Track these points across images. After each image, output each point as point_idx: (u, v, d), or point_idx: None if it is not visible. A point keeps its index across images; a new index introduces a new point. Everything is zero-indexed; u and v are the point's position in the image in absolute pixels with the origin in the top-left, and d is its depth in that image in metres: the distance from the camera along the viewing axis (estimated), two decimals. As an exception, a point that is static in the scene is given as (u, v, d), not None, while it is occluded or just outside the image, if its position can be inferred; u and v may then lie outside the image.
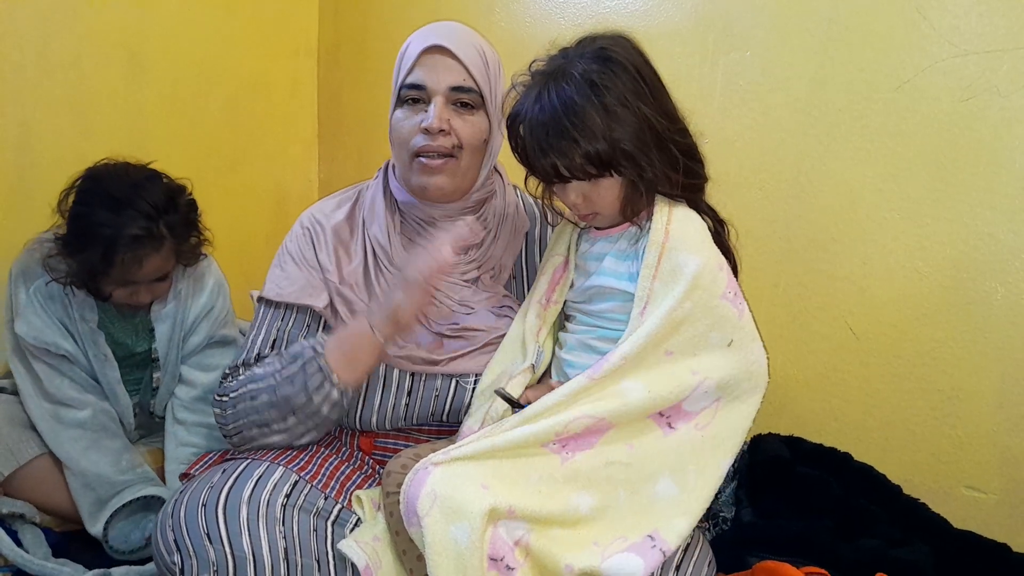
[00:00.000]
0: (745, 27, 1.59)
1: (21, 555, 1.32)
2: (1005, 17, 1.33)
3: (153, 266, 1.41)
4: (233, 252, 2.05)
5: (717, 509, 1.42)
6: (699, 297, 0.98)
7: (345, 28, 2.28)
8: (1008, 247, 1.37)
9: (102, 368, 1.49)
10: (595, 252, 1.10)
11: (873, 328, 1.51)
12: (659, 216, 1.02)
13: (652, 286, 0.99)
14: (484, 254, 1.23)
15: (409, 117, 1.15)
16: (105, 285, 1.40)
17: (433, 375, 1.17)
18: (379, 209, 1.23)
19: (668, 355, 0.99)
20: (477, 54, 1.17)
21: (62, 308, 1.45)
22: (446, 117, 1.13)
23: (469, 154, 1.16)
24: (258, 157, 2.22)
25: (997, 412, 1.40)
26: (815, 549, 1.23)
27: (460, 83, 1.14)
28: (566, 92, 0.98)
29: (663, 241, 1.00)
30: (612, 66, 1.00)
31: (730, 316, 1.01)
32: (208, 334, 1.57)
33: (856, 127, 1.48)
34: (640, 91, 1.00)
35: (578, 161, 0.99)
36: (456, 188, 1.18)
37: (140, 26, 1.87)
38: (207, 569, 0.94)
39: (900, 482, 1.41)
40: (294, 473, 1.05)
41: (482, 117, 1.17)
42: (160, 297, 1.50)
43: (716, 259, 1.02)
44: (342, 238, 1.22)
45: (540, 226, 1.29)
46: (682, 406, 0.99)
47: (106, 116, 1.69)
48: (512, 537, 0.91)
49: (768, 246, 1.60)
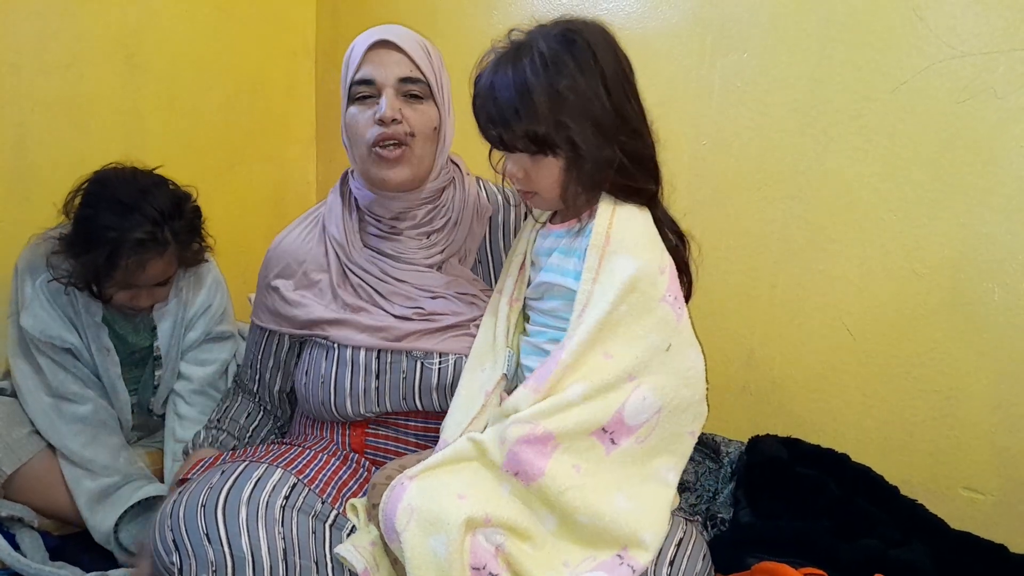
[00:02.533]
0: (743, 28, 1.59)
1: (19, 559, 1.31)
2: (1002, 18, 1.33)
3: (156, 270, 1.42)
4: (231, 253, 2.05)
5: (715, 510, 1.42)
6: (636, 300, 0.98)
7: (343, 28, 2.28)
8: (1006, 247, 1.37)
9: (104, 362, 1.50)
10: (546, 247, 1.10)
11: (871, 328, 1.51)
12: (601, 217, 1.01)
13: (592, 289, 0.99)
14: (447, 238, 1.28)
15: (362, 111, 1.21)
16: (107, 287, 1.41)
17: (399, 356, 1.21)
18: (336, 210, 1.29)
19: (607, 358, 0.97)
20: (420, 47, 1.22)
21: (67, 302, 1.46)
22: (398, 107, 1.19)
23: (422, 142, 1.22)
24: (256, 158, 2.22)
25: (995, 412, 1.40)
26: (813, 550, 1.23)
27: (408, 74, 1.20)
28: (521, 67, 0.99)
29: (603, 244, 0.99)
30: (573, 49, 0.99)
31: (669, 319, 1.00)
32: (205, 330, 1.60)
33: (853, 128, 1.49)
34: (594, 81, 0.99)
35: (519, 135, 1.00)
36: (414, 176, 1.23)
37: (137, 27, 1.87)
38: (206, 569, 0.94)
39: (898, 483, 1.41)
40: (293, 476, 1.05)
41: (431, 106, 1.22)
42: (159, 300, 1.51)
43: (658, 261, 1.01)
44: (307, 262, 1.30)
45: (504, 211, 1.34)
46: (623, 418, 0.97)
47: (103, 117, 1.69)
48: (492, 543, 0.91)
49: (766, 246, 1.60)
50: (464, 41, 1.98)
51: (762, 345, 1.62)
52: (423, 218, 1.27)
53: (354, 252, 1.27)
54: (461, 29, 2.01)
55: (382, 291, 1.25)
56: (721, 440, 1.52)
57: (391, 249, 1.27)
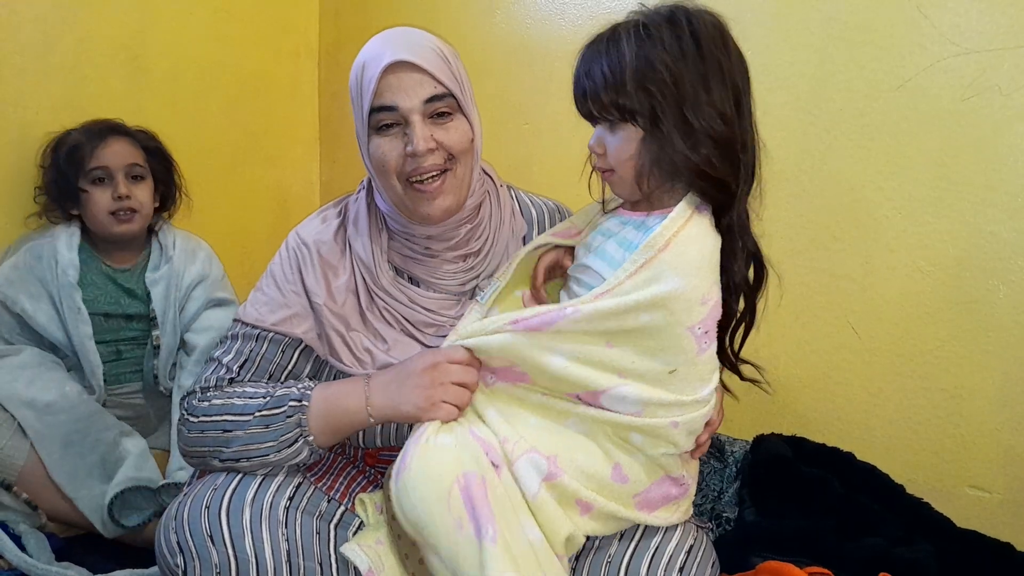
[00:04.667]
0: (745, 26, 1.57)
1: (25, 559, 1.32)
2: (1006, 15, 1.33)
3: (120, 147, 1.58)
4: (234, 253, 2.06)
5: (720, 509, 1.42)
6: (660, 317, 0.93)
7: (346, 29, 2.28)
8: (1010, 245, 1.36)
9: (74, 323, 1.54)
10: (605, 228, 1.06)
11: (875, 327, 1.50)
12: (673, 221, 0.95)
13: (624, 281, 0.94)
14: (484, 262, 1.17)
15: (391, 143, 1.08)
16: (82, 181, 1.55)
17: None
18: (362, 226, 1.17)
19: (608, 346, 0.96)
20: (438, 57, 1.09)
21: (46, 267, 1.54)
22: (429, 135, 1.06)
23: (462, 162, 1.10)
24: (259, 158, 2.22)
25: (1000, 411, 1.40)
26: (818, 549, 1.23)
27: (432, 93, 1.07)
28: (618, 35, 0.98)
29: (660, 248, 0.93)
30: (674, 26, 0.97)
31: (688, 349, 0.95)
32: (206, 298, 1.68)
33: (857, 126, 1.48)
34: (692, 65, 0.96)
35: (604, 101, 0.97)
36: (458, 203, 1.12)
37: (141, 29, 1.87)
38: (210, 571, 0.94)
39: (903, 481, 1.40)
40: (299, 475, 1.05)
41: (462, 120, 1.10)
42: (144, 204, 1.62)
43: (704, 290, 0.95)
44: (329, 257, 1.15)
45: (537, 230, 1.23)
46: (601, 400, 0.97)
47: (107, 118, 1.69)
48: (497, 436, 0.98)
49: (770, 245, 1.58)
50: (465, 41, 1.98)
51: (766, 344, 1.61)
52: (462, 239, 1.15)
53: (381, 277, 1.14)
54: (462, 30, 2.01)
55: (412, 319, 1.14)
56: (726, 439, 1.52)
57: (423, 273, 1.15)
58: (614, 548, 1.00)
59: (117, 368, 1.61)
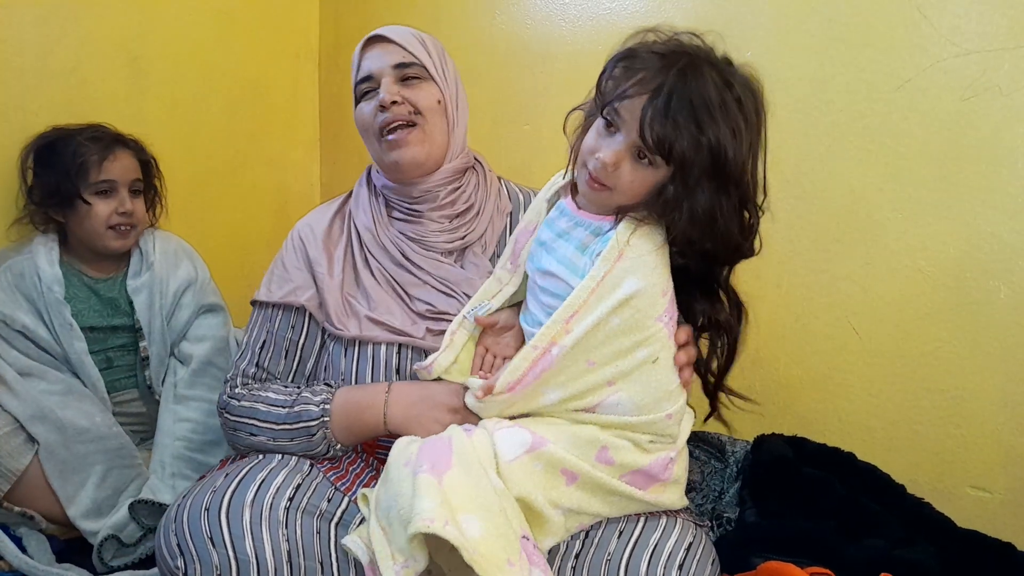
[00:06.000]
0: (745, 28, 1.59)
1: (26, 561, 1.32)
2: (1006, 16, 1.33)
3: (125, 161, 1.56)
4: (235, 255, 2.06)
5: (721, 510, 1.41)
6: (629, 315, 0.98)
7: (346, 31, 2.28)
8: (1011, 246, 1.36)
9: (68, 339, 1.51)
10: (559, 227, 1.08)
11: (876, 328, 1.50)
12: (626, 227, 1.00)
13: (588, 298, 0.98)
14: (469, 225, 1.27)
15: (368, 104, 1.24)
16: (85, 191, 1.50)
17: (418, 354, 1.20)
18: (363, 199, 1.31)
19: (589, 364, 1.00)
20: (413, 37, 1.26)
21: (31, 285, 1.50)
22: (396, 90, 1.22)
23: (430, 118, 1.23)
24: (259, 160, 2.22)
25: (1001, 411, 1.40)
26: (819, 549, 1.23)
27: (401, 60, 1.23)
28: (702, 83, 0.95)
29: (615, 259, 0.98)
30: (753, 96, 0.99)
31: (661, 336, 1.01)
32: (196, 304, 1.63)
33: (857, 127, 1.48)
34: (745, 140, 0.97)
35: (653, 137, 0.93)
36: (428, 155, 1.24)
37: (141, 31, 1.87)
38: (210, 572, 0.94)
39: (904, 482, 1.40)
40: (300, 474, 1.07)
41: (431, 84, 1.24)
42: (140, 218, 1.59)
43: (662, 285, 1.01)
44: (330, 231, 1.29)
45: (522, 212, 1.30)
46: (597, 410, 1.02)
47: (107, 120, 1.68)
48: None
49: (770, 247, 1.58)
50: (466, 42, 1.98)
51: (767, 345, 1.61)
52: (445, 198, 1.26)
53: (381, 232, 1.26)
54: (462, 31, 2.01)
55: (400, 280, 1.23)
56: (727, 440, 1.52)
57: (413, 232, 1.25)
58: (613, 546, 1.00)
59: (111, 376, 1.57)
